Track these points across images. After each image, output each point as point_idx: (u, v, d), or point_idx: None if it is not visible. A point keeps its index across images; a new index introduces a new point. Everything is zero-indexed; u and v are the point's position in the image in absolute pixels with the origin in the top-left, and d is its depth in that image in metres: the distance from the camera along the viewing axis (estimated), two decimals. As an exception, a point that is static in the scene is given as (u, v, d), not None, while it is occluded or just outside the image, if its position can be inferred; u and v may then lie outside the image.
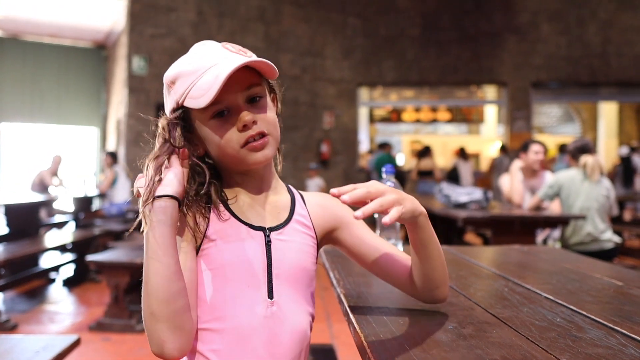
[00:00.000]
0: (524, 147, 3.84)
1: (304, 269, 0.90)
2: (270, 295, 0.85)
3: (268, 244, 0.87)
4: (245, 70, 0.83)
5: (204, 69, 0.82)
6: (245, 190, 0.90)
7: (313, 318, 0.93)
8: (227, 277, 0.83)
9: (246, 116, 0.82)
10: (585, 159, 3.36)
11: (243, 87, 0.83)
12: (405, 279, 0.93)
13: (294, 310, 0.87)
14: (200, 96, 0.80)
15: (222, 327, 0.83)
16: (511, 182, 3.86)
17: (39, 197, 5.07)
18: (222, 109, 0.83)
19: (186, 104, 0.82)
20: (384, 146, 8.77)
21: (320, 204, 0.96)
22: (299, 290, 0.89)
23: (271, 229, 0.88)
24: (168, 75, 0.85)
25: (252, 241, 0.86)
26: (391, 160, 8.43)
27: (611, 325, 0.87)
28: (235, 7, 9.12)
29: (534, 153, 3.76)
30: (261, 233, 0.87)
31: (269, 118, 0.86)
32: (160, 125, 0.84)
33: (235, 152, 0.84)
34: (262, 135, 0.84)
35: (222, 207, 0.86)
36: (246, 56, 0.84)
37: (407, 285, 0.94)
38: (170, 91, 0.85)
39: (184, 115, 0.85)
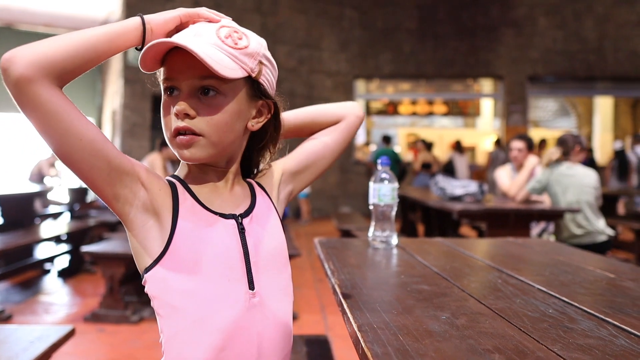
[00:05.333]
0: (508, 145, 3.91)
1: (279, 250, 0.88)
2: (252, 285, 0.82)
3: (242, 231, 0.83)
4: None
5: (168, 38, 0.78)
6: (207, 177, 0.86)
7: (292, 302, 0.91)
8: (205, 274, 0.79)
9: (179, 106, 0.78)
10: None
11: (196, 73, 0.77)
12: (331, 131, 1.02)
13: (276, 297, 0.85)
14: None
15: (205, 329, 0.78)
16: (519, 175, 3.87)
17: (33, 188, 5.05)
18: (172, 87, 0.80)
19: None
20: (387, 140, 8.82)
21: (266, 176, 0.95)
22: (277, 274, 0.87)
23: (242, 216, 0.85)
24: None
25: (225, 231, 0.82)
26: (394, 155, 8.46)
27: (602, 317, 0.88)
28: (232, -2, 9.07)
29: (512, 150, 3.84)
30: (233, 221, 0.83)
31: (214, 117, 0.79)
32: None
33: (169, 139, 0.81)
34: (192, 132, 0.78)
35: (188, 197, 0.83)
36: (215, 45, 0.78)
37: (334, 131, 1.02)
38: None
39: None
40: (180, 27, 0.82)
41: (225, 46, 0.78)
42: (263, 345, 0.82)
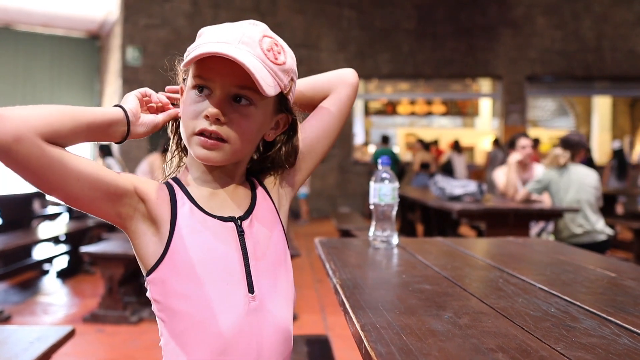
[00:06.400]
0: (511, 143, 3.86)
1: (279, 253, 0.87)
2: (251, 289, 0.81)
3: (241, 234, 0.83)
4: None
5: (215, 40, 0.78)
6: (209, 179, 0.85)
7: (294, 304, 0.90)
8: (204, 278, 0.79)
9: (212, 109, 0.78)
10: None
11: (236, 81, 0.78)
12: (320, 111, 0.97)
13: (276, 300, 0.84)
14: (186, 57, 0.79)
15: (204, 332, 0.78)
16: (508, 175, 3.86)
17: (32, 188, 5.04)
18: (204, 85, 0.80)
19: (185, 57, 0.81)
20: (385, 140, 8.85)
21: (269, 175, 0.93)
22: (278, 278, 0.86)
23: (241, 218, 0.84)
24: (202, 28, 0.84)
25: (224, 234, 0.82)
26: (393, 155, 8.47)
27: (605, 316, 0.88)
28: (230, -2, 9.07)
29: (521, 148, 3.80)
30: (232, 224, 0.83)
31: (242, 127, 0.80)
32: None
33: (188, 135, 0.81)
34: (218, 137, 0.79)
35: (187, 202, 0.83)
36: (259, 58, 0.78)
37: (323, 110, 0.97)
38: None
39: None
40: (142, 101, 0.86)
41: (268, 60, 0.79)
42: (263, 348, 0.82)
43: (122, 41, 8.61)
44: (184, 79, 0.86)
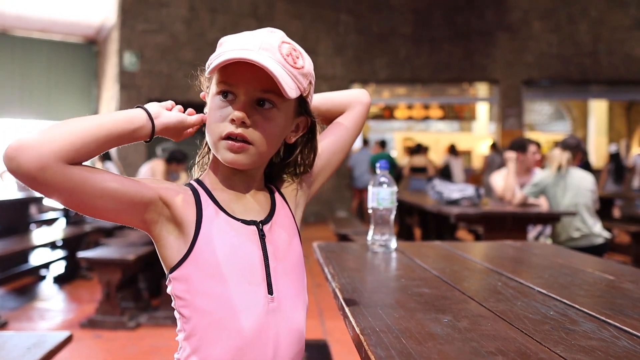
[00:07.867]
0: (522, 147, 3.84)
1: (297, 257, 0.91)
2: (270, 290, 0.84)
3: (262, 237, 0.86)
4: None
5: (237, 48, 0.80)
6: (231, 184, 0.88)
7: (307, 307, 0.93)
8: (227, 277, 0.82)
9: (238, 113, 0.81)
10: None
11: (259, 85, 0.81)
12: (337, 126, 1.02)
13: (293, 303, 0.87)
14: (209, 65, 0.81)
15: (223, 331, 0.81)
16: (507, 177, 3.86)
17: (28, 194, 5.02)
18: (228, 90, 0.82)
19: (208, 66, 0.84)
20: (382, 144, 8.85)
21: (287, 183, 0.96)
22: (294, 281, 0.89)
23: (262, 222, 0.88)
24: (222, 37, 0.86)
25: (246, 236, 0.85)
26: (390, 159, 8.48)
27: (604, 318, 0.88)
28: (228, 2, 9.09)
29: (532, 153, 3.81)
30: (254, 227, 0.86)
31: (266, 130, 0.83)
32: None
33: (215, 139, 0.83)
34: (244, 140, 0.82)
35: (211, 204, 0.85)
36: (279, 63, 0.80)
37: (340, 126, 1.02)
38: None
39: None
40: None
41: (288, 65, 0.82)
42: (279, 348, 0.84)
43: (120, 46, 8.61)
44: (207, 87, 0.89)
